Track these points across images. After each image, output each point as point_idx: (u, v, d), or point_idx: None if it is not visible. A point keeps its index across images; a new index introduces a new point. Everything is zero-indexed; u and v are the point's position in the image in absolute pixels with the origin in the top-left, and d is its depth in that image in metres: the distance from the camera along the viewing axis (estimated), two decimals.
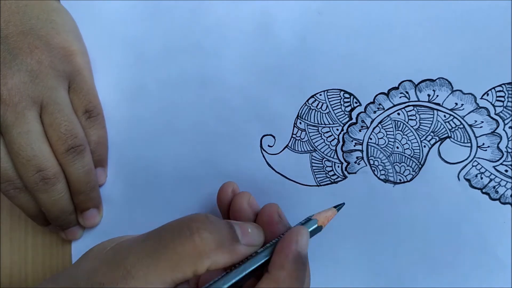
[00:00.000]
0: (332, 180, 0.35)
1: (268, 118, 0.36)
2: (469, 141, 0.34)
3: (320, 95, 0.35)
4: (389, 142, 0.35)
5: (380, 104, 0.35)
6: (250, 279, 0.27)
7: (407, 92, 0.34)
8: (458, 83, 0.34)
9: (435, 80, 0.34)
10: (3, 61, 0.31)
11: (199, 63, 0.36)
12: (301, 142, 0.35)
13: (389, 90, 0.34)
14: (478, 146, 0.34)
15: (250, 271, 0.26)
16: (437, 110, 0.34)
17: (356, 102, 0.35)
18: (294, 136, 0.35)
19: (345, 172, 0.35)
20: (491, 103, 0.34)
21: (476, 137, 0.34)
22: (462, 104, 0.34)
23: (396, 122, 0.35)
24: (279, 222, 0.29)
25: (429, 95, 0.34)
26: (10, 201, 0.34)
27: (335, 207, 0.30)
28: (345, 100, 0.35)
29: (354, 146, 0.35)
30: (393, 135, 0.35)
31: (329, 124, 0.35)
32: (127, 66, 0.37)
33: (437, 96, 0.34)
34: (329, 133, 0.35)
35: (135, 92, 0.37)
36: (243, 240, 0.26)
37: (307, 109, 0.35)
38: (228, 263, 0.26)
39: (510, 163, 0.34)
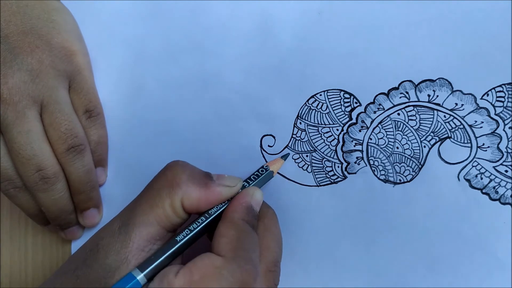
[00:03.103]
0: (332, 180, 0.35)
1: (268, 118, 0.36)
2: (469, 141, 0.34)
3: (320, 95, 0.35)
4: (389, 142, 0.35)
5: (380, 104, 0.35)
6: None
7: (407, 92, 0.34)
8: (458, 83, 0.34)
9: (435, 80, 0.34)
10: (3, 60, 0.31)
11: (199, 63, 0.36)
12: (301, 142, 0.35)
13: (389, 90, 0.34)
14: (478, 147, 0.34)
15: (216, 216, 0.29)
16: (437, 110, 0.34)
17: (356, 102, 0.35)
18: (294, 136, 0.35)
19: (345, 172, 0.35)
20: (491, 103, 0.34)
21: (476, 138, 0.34)
22: (462, 105, 0.34)
23: (396, 122, 0.35)
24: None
25: (429, 95, 0.34)
26: (10, 200, 0.34)
27: (282, 157, 0.35)
28: (345, 100, 0.35)
29: (354, 146, 0.35)
30: (393, 135, 0.35)
31: (329, 124, 0.35)
32: (127, 66, 0.37)
33: (437, 96, 0.34)
34: (329, 133, 0.35)
35: (135, 92, 0.37)
36: (217, 180, 0.29)
37: (307, 109, 0.35)
38: (201, 198, 0.28)
39: (510, 163, 0.33)
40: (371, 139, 0.35)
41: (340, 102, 0.35)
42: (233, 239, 0.26)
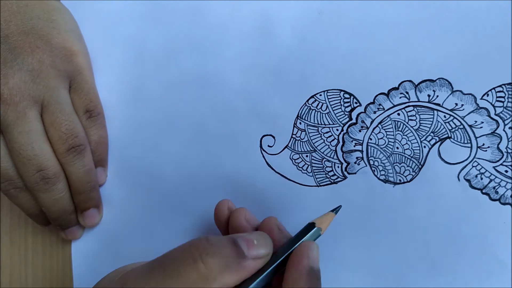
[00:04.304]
0: (332, 181, 0.35)
1: (268, 118, 0.36)
2: (469, 141, 0.34)
3: (320, 95, 0.35)
4: (389, 143, 0.35)
5: (380, 105, 0.35)
6: None
7: (407, 93, 0.34)
8: (458, 83, 0.34)
9: (435, 80, 0.34)
10: (4, 60, 0.31)
11: (199, 63, 0.36)
12: (301, 142, 0.35)
13: (389, 91, 0.35)
14: (478, 147, 0.34)
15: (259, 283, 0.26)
16: (437, 110, 0.34)
17: (356, 103, 0.35)
18: (294, 136, 0.35)
19: (345, 173, 0.35)
20: (491, 103, 0.34)
21: (476, 138, 0.34)
22: (462, 105, 0.34)
23: (396, 122, 0.35)
24: (279, 234, 0.29)
25: (429, 96, 0.34)
26: (10, 200, 0.34)
27: (332, 210, 0.31)
28: (345, 100, 0.35)
29: (354, 146, 0.35)
30: (393, 135, 0.35)
31: (329, 124, 0.35)
32: (127, 66, 0.37)
33: (437, 96, 0.34)
34: (329, 134, 0.35)
35: (136, 92, 0.37)
36: (250, 254, 0.26)
37: (307, 109, 0.35)
38: (238, 280, 0.25)
39: (510, 163, 0.33)
40: (371, 139, 0.35)
41: (340, 102, 0.35)
42: None
